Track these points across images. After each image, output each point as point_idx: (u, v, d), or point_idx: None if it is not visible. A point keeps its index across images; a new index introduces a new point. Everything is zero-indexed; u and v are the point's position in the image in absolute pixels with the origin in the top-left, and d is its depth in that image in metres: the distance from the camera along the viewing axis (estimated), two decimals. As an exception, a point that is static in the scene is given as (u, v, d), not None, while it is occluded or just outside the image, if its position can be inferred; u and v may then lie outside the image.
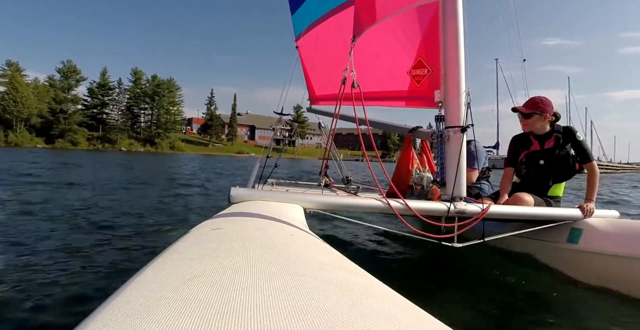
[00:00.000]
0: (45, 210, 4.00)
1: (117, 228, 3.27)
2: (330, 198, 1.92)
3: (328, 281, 0.63)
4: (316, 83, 4.22)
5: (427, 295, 1.83)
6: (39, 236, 2.84)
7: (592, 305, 1.81)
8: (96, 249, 2.55)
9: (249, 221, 1.19)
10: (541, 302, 1.83)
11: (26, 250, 2.45)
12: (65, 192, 5.66)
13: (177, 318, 0.43)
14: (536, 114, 2.45)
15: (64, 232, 3.05)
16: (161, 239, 2.94)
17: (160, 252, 0.82)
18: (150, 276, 0.62)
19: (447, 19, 2.17)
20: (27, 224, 3.29)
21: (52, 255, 2.37)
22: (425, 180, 2.75)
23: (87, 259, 2.33)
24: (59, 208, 4.19)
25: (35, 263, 2.20)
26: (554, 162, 2.44)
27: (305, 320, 0.44)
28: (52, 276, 1.98)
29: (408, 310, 0.61)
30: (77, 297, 1.73)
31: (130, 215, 3.97)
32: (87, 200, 4.94)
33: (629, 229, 2.10)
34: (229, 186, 1.74)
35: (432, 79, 2.50)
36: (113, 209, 4.29)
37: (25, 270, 2.08)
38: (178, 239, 0.95)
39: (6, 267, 2.11)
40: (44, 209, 4.04)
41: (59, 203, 4.57)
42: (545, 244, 2.38)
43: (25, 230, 3.05)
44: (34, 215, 3.71)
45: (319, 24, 3.82)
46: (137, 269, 0.71)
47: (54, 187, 6.30)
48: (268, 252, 0.77)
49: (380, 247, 2.91)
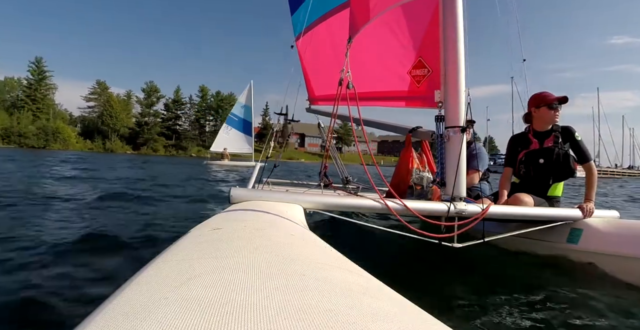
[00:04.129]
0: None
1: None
2: (330, 198, 1.92)
3: (328, 281, 0.63)
4: (315, 83, 4.22)
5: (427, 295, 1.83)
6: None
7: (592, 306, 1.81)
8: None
9: (249, 221, 1.19)
10: (541, 302, 1.83)
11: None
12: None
13: (177, 318, 0.43)
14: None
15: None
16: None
17: (160, 252, 0.82)
18: (150, 276, 0.62)
19: (447, 18, 2.17)
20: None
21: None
22: (425, 181, 2.75)
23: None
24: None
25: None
26: (554, 161, 2.44)
27: (305, 320, 0.44)
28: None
29: (408, 310, 0.61)
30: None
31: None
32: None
33: (629, 229, 2.10)
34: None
35: (432, 79, 2.50)
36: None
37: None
38: (178, 239, 0.95)
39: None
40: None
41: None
42: (545, 244, 2.38)
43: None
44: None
45: (318, 25, 3.82)
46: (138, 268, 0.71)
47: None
48: (268, 252, 0.76)
49: (380, 247, 2.91)
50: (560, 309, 1.75)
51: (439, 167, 2.26)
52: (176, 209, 4.39)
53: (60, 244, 2.45)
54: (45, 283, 1.83)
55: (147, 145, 55.71)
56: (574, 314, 1.71)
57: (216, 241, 0.86)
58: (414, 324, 0.53)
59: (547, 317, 1.65)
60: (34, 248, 2.34)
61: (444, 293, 1.91)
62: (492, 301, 1.81)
